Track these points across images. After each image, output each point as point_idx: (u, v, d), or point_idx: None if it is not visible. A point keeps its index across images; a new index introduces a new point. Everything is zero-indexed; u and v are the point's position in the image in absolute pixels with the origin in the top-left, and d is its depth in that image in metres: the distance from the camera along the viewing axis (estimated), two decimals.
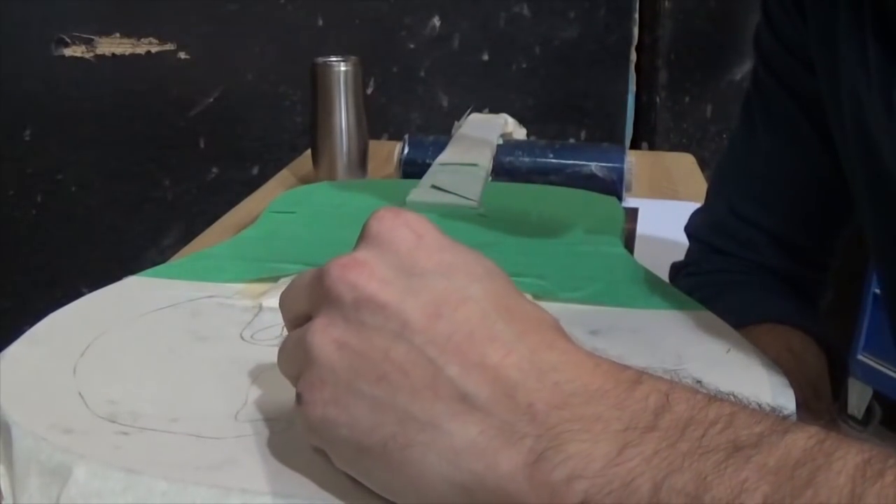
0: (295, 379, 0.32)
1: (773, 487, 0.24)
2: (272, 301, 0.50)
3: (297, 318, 0.33)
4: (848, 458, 0.25)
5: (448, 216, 0.68)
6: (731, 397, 0.29)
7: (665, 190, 1.08)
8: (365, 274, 0.30)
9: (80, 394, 0.39)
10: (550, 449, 0.26)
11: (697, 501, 0.25)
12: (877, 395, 1.85)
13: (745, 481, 0.25)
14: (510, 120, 1.09)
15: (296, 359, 0.32)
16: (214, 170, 1.62)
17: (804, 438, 0.26)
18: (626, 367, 0.29)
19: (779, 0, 0.63)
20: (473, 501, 0.28)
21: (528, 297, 0.50)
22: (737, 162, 0.71)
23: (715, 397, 0.28)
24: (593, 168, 0.96)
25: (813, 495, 0.24)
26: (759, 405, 0.28)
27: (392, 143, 1.09)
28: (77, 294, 0.50)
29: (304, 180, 1.07)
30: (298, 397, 0.31)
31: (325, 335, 0.30)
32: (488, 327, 0.29)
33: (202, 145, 1.61)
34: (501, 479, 0.27)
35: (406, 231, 0.32)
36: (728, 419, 0.27)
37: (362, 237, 0.32)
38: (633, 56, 1.67)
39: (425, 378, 0.28)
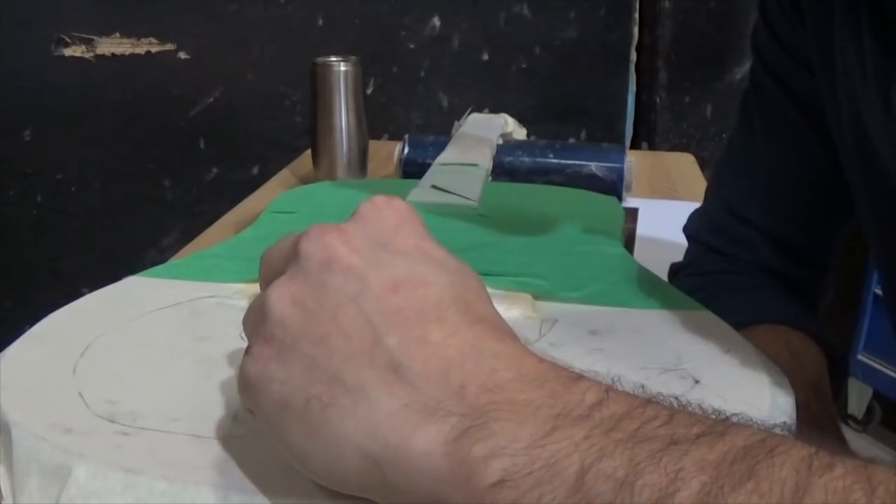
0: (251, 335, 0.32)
1: (711, 477, 0.23)
2: None
3: (273, 276, 0.32)
4: (792, 452, 0.24)
5: (448, 216, 0.68)
6: (673, 400, 0.28)
7: (665, 190, 1.08)
8: (339, 239, 0.30)
9: (79, 394, 0.39)
10: (473, 427, 0.25)
11: (627, 487, 0.23)
12: (877, 395, 1.85)
13: (680, 470, 0.23)
14: (510, 120, 1.09)
15: (256, 315, 0.31)
16: (214, 170, 1.62)
17: (745, 436, 0.25)
18: (570, 368, 0.28)
19: (776, 0, 0.63)
20: (381, 479, 0.27)
21: (528, 296, 0.50)
22: (735, 162, 0.71)
23: (655, 399, 0.27)
24: (593, 168, 0.96)
25: (754, 486, 0.23)
26: (702, 408, 0.28)
27: (392, 143, 1.09)
28: (77, 294, 0.50)
29: (304, 180, 1.07)
30: (248, 350, 0.31)
31: (283, 291, 0.30)
32: (440, 311, 0.29)
33: (202, 145, 1.61)
34: (416, 455, 0.26)
35: (392, 214, 0.32)
36: (666, 417, 0.26)
37: (352, 215, 0.33)
38: (633, 56, 1.67)
39: (364, 344, 0.28)
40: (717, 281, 0.68)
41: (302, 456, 0.29)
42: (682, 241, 0.75)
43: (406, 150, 0.99)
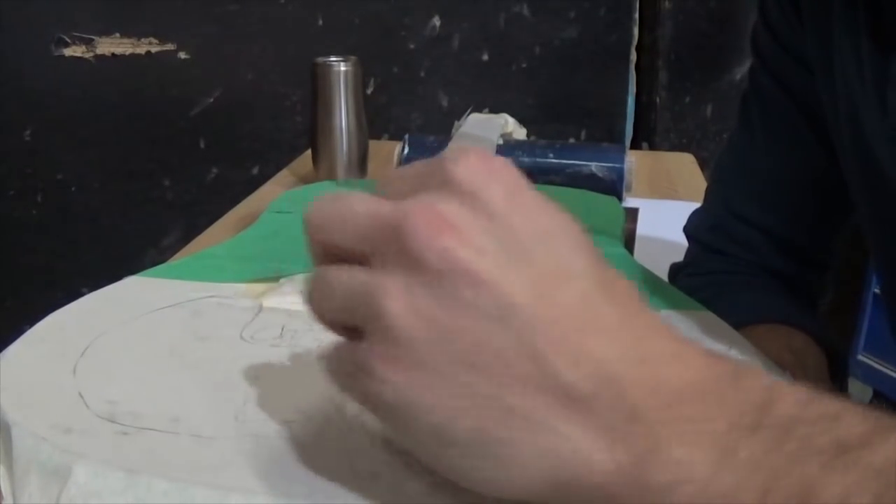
0: (341, 329, 0.29)
1: (883, 488, 0.23)
2: (272, 301, 0.50)
3: (338, 251, 0.29)
4: None
5: None
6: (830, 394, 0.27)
7: (665, 190, 1.08)
8: (457, 239, 0.26)
9: (80, 394, 0.39)
10: (652, 452, 0.25)
11: None
12: (877, 395, 1.85)
13: (850, 486, 0.23)
14: (510, 120, 1.08)
15: (353, 312, 0.28)
16: (214, 170, 1.62)
17: None
18: (722, 359, 0.27)
19: (776, 0, 0.63)
20: (566, 498, 0.26)
21: None
22: (735, 162, 0.71)
23: (816, 394, 0.26)
24: (593, 168, 0.96)
25: None
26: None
27: (392, 143, 1.09)
28: (77, 294, 0.50)
29: (304, 180, 1.07)
30: (367, 370, 0.27)
31: (405, 303, 0.26)
32: (593, 311, 0.26)
33: (202, 145, 1.61)
34: (600, 479, 0.26)
35: (498, 187, 0.27)
36: (833, 417, 0.25)
37: (441, 180, 0.27)
38: (633, 56, 1.67)
39: (527, 369, 0.25)
40: (718, 281, 0.68)
41: (464, 476, 0.28)
42: (682, 241, 0.75)
43: (406, 150, 0.99)
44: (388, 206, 0.27)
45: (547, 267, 0.26)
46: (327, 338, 0.47)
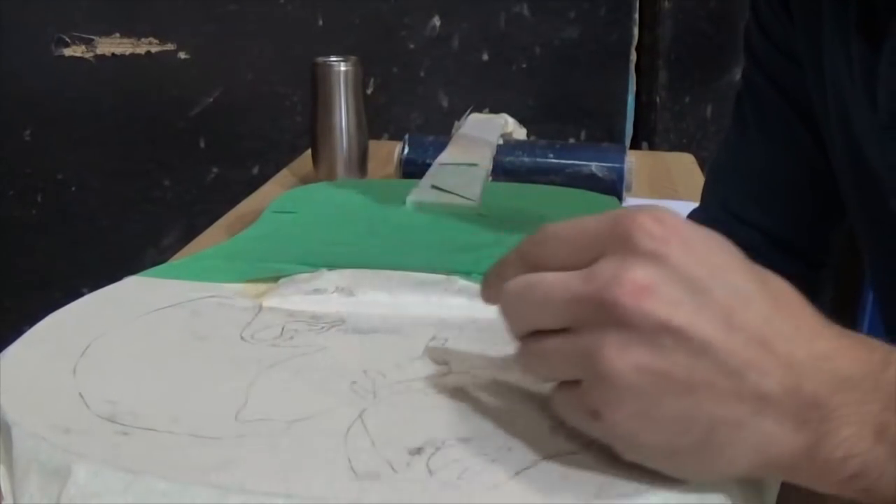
0: (561, 379, 0.35)
1: None
2: (272, 301, 0.50)
3: (546, 320, 0.34)
4: None
5: (448, 216, 0.68)
6: None
7: (665, 190, 1.08)
8: (653, 300, 0.31)
9: (80, 394, 0.39)
10: (828, 433, 0.31)
11: None
12: None
13: None
14: (510, 120, 1.08)
15: (575, 368, 0.33)
16: (214, 170, 1.62)
17: None
18: (875, 348, 0.33)
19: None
20: (761, 474, 0.34)
21: None
22: (730, 162, 0.71)
23: None
24: (593, 168, 0.96)
25: None
26: None
27: (392, 143, 1.09)
28: (77, 294, 0.50)
29: (304, 180, 1.07)
30: (595, 413, 0.33)
31: (624, 360, 0.31)
32: (772, 327, 0.32)
33: (202, 145, 1.61)
34: (789, 458, 0.32)
35: (675, 242, 0.32)
36: None
37: (630, 249, 0.32)
38: (633, 56, 1.67)
39: (730, 386, 0.31)
40: None
41: (692, 474, 0.34)
42: None
43: (406, 150, 0.99)
44: (579, 283, 0.33)
45: (727, 300, 0.32)
46: (327, 338, 0.47)
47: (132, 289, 0.53)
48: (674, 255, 0.32)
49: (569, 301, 0.33)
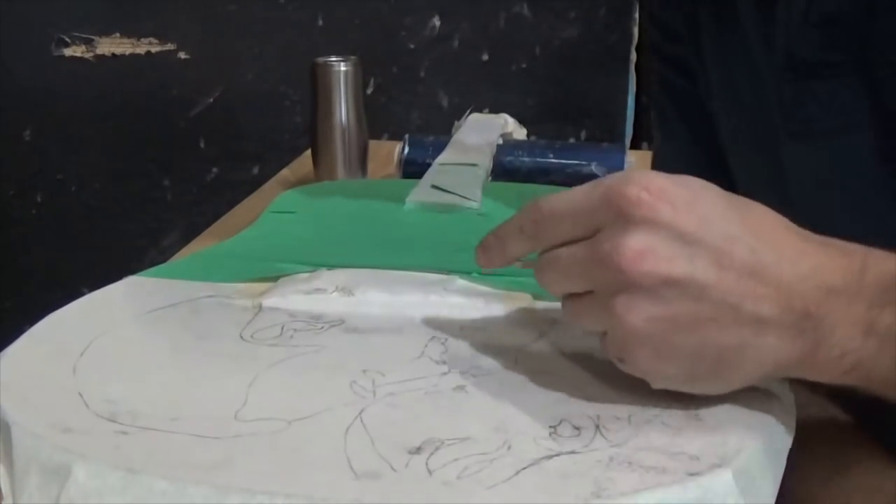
0: (593, 329, 0.39)
1: None
2: (272, 301, 0.50)
3: (573, 287, 0.39)
4: None
5: (448, 216, 0.68)
6: None
7: None
8: (652, 260, 0.36)
9: (79, 393, 0.39)
10: (822, 337, 0.36)
11: None
12: None
13: None
14: (510, 120, 1.08)
15: (600, 321, 0.38)
16: (214, 170, 1.62)
17: None
18: (851, 253, 0.37)
19: None
20: (776, 377, 0.39)
21: (528, 296, 0.50)
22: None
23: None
24: (593, 168, 0.96)
25: None
26: None
27: (392, 143, 1.09)
28: (77, 294, 0.50)
29: (304, 180, 1.06)
30: (620, 358, 0.38)
31: (634, 315, 0.36)
32: (759, 258, 0.36)
33: (202, 145, 1.61)
34: (796, 362, 0.37)
35: (663, 206, 0.36)
36: None
37: (623, 220, 0.36)
38: (633, 56, 1.67)
39: (730, 318, 0.36)
40: None
41: (712, 390, 0.39)
42: None
43: (406, 150, 0.99)
44: (585, 254, 0.37)
45: (715, 245, 0.36)
46: (327, 337, 0.47)
47: (132, 289, 0.53)
48: (662, 217, 0.36)
49: (582, 270, 0.38)
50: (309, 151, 1.04)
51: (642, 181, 0.37)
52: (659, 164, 0.71)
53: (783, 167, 0.54)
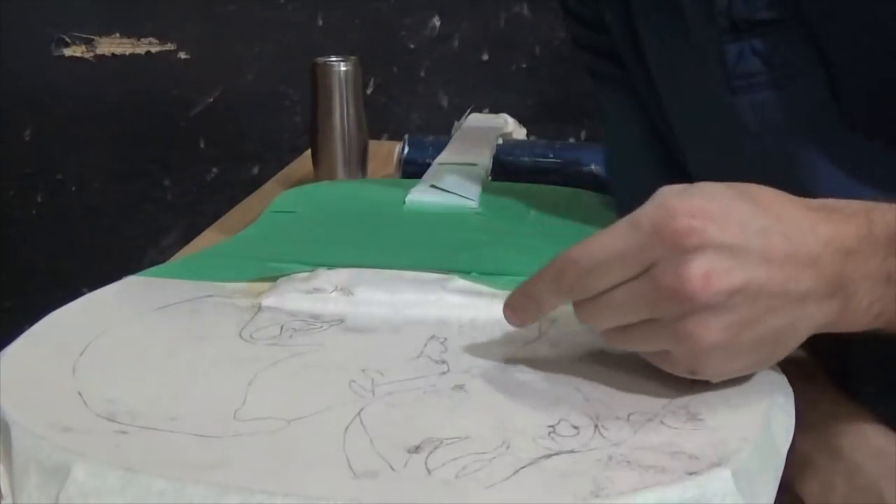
0: (651, 350, 0.41)
1: None
2: (271, 300, 0.50)
3: (630, 319, 0.40)
4: None
5: (448, 216, 0.68)
6: None
7: None
8: (716, 279, 0.37)
9: (79, 393, 0.39)
10: (853, 294, 0.40)
11: None
12: None
13: None
14: (510, 120, 1.08)
15: (664, 344, 0.40)
16: (214, 170, 1.62)
17: None
18: (855, 212, 0.41)
19: None
20: (820, 331, 0.41)
21: None
22: (628, 170, 0.71)
23: None
24: (593, 168, 0.96)
25: None
26: None
27: (392, 143, 1.08)
28: (77, 294, 0.50)
29: (304, 180, 1.06)
30: (692, 371, 0.40)
31: (711, 332, 0.38)
32: (790, 242, 0.39)
33: (202, 145, 1.61)
34: (832, 320, 0.40)
35: (709, 226, 0.38)
36: None
37: (679, 251, 0.38)
38: None
39: (782, 302, 0.39)
40: None
41: (761, 369, 0.42)
42: None
43: (406, 150, 0.99)
44: (648, 290, 0.38)
45: (755, 246, 0.38)
46: (326, 337, 0.47)
47: (132, 289, 0.53)
48: (711, 238, 0.38)
49: (643, 306, 0.39)
50: (309, 151, 1.04)
51: (684, 209, 0.38)
52: (609, 154, 0.72)
53: (732, 127, 0.55)
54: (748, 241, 0.38)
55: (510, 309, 0.43)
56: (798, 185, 0.42)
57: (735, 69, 0.53)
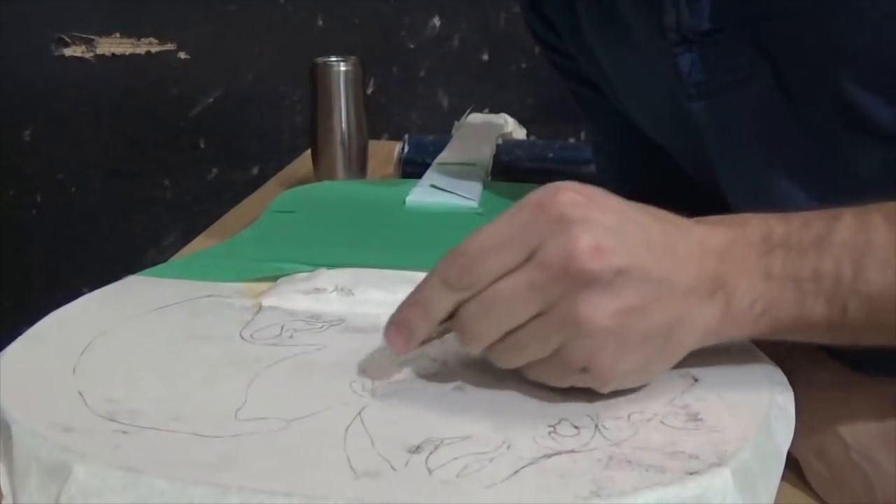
0: (538, 357, 0.39)
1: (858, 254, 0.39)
2: (271, 300, 0.51)
3: (517, 320, 0.38)
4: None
5: (447, 216, 0.68)
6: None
7: None
8: (606, 253, 0.37)
9: (79, 393, 0.39)
10: (733, 292, 0.40)
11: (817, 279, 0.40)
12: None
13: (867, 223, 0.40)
14: (510, 120, 1.08)
15: (552, 341, 0.38)
16: (214, 170, 1.62)
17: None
18: (729, 220, 0.42)
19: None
20: (705, 342, 0.41)
21: None
22: (609, 172, 0.73)
23: (798, 216, 0.41)
24: (593, 168, 0.96)
25: None
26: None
27: (392, 143, 1.09)
28: (77, 294, 0.50)
29: (304, 180, 1.06)
30: (584, 368, 0.38)
31: (600, 313, 0.37)
32: (669, 237, 0.39)
33: (202, 145, 1.61)
34: (717, 321, 0.40)
35: (593, 205, 0.38)
36: (826, 227, 0.40)
37: (567, 224, 0.37)
38: None
39: (668, 293, 0.38)
40: None
41: (652, 377, 0.41)
42: None
43: (406, 150, 0.99)
44: (536, 273, 0.37)
45: (637, 231, 0.39)
46: (327, 337, 0.47)
47: (132, 288, 0.53)
48: (594, 215, 0.38)
49: (535, 292, 0.37)
50: (309, 151, 1.04)
51: (567, 185, 0.39)
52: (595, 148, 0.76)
53: (696, 131, 0.56)
54: (629, 228, 0.38)
55: (394, 330, 0.40)
56: (759, 186, 0.43)
57: (689, 78, 0.54)
